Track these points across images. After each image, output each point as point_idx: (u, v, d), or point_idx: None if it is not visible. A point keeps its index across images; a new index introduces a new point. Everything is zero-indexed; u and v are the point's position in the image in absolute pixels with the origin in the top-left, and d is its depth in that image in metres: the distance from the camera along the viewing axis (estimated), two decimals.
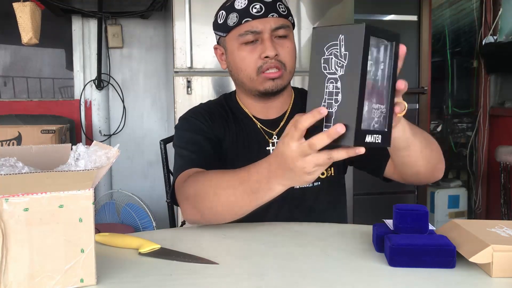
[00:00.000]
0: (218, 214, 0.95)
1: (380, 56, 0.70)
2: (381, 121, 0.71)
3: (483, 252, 0.74)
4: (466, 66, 3.44)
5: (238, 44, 1.12)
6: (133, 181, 3.01)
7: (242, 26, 1.10)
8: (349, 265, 0.81)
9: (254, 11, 1.09)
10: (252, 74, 1.12)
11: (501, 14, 3.16)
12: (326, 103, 0.68)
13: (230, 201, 0.90)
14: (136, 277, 0.76)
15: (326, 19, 2.34)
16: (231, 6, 1.12)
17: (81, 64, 2.95)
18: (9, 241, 0.66)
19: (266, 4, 1.10)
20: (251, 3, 1.09)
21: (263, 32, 1.10)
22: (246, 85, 1.15)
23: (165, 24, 2.87)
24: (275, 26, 1.10)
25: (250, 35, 1.10)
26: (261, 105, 1.20)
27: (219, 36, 1.18)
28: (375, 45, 0.68)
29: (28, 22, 2.19)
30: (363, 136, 0.67)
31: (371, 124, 0.69)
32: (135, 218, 2.55)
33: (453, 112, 3.50)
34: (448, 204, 3.26)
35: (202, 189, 0.95)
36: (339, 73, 0.67)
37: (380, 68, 0.70)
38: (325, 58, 0.68)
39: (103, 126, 2.99)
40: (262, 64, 1.10)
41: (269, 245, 0.91)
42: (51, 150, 0.79)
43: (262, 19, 1.10)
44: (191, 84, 2.23)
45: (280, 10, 1.12)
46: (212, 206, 0.93)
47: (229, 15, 1.12)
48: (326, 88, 0.68)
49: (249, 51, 1.11)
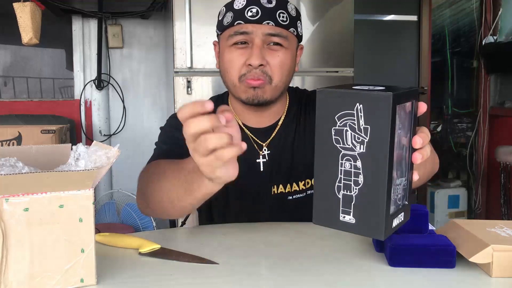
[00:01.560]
0: (158, 203, 0.89)
1: (402, 122, 0.57)
2: (402, 195, 0.61)
3: (483, 252, 0.74)
4: (466, 66, 3.44)
5: (229, 45, 1.05)
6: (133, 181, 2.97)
7: (234, 27, 1.03)
8: (349, 265, 0.81)
9: (249, 15, 1.01)
10: (235, 80, 1.05)
11: (501, 14, 3.16)
12: (342, 184, 0.57)
13: (168, 190, 0.85)
14: (136, 277, 0.76)
15: (326, 19, 2.34)
16: (231, 5, 1.06)
17: (81, 64, 2.95)
18: (9, 241, 0.66)
19: (264, 9, 1.01)
20: (248, 5, 1.02)
21: (254, 36, 1.02)
22: (230, 89, 1.09)
23: (165, 24, 2.87)
24: (268, 31, 1.02)
25: (240, 35, 1.02)
26: (251, 112, 1.12)
27: (216, 33, 1.13)
28: (398, 113, 0.55)
29: (28, 22, 2.19)
30: (391, 223, 0.58)
31: (395, 205, 0.59)
32: (135, 218, 2.55)
33: (453, 112, 3.50)
34: (448, 204, 3.26)
35: (146, 180, 0.93)
36: (358, 150, 0.56)
37: (402, 136, 0.58)
38: (337, 129, 0.57)
39: (103, 126, 2.99)
40: (246, 72, 1.03)
41: (269, 245, 0.91)
42: (51, 150, 0.79)
43: (256, 24, 1.02)
44: (191, 84, 2.23)
45: (279, 18, 1.02)
46: (154, 195, 0.89)
47: (226, 14, 1.06)
48: (341, 166, 0.57)
49: (238, 54, 1.03)
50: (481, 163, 3.29)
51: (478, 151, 3.32)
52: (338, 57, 2.36)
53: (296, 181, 1.13)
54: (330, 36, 2.36)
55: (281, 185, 1.13)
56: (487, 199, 3.30)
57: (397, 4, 3.02)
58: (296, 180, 1.13)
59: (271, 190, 1.13)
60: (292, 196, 1.13)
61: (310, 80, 2.36)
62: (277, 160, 1.13)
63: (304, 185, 1.13)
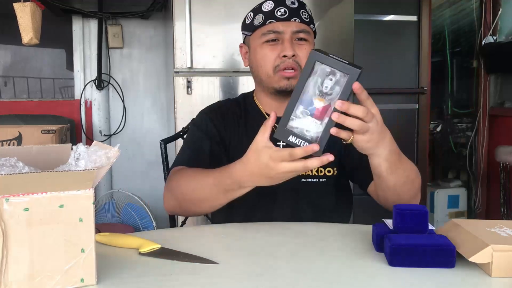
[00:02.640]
0: (195, 206, 1.08)
1: (321, 78, 0.83)
2: (313, 131, 0.84)
3: (482, 252, 0.74)
4: (466, 66, 3.44)
5: (261, 43, 1.19)
6: (133, 181, 3.01)
7: (266, 26, 1.18)
8: (349, 265, 0.81)
9: (278, 14, 1.17)
10: (270, 71, 1.18)
11: (501, 14, 3.16)
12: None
13: (205, 197, 1.04)
14: (136, 277, 0.76)
15: (326, 19, 2.34)
16: (259, 8, 1.21)
17: (81, 64, 2.95)
18: (9, 241, 0.66)
19: (290, 9, 1.18)
20: (277, 7, 1.18)
21: (284, 33, 1.17)
22: (263, 81, 1.21)
23: (165, 24, 2.87)
24: (296, 29, 1.17)
25: (272, 34, 1.17)
26: (276, 103, 1.24)
27: (245, 35, 1.25)
28: (319, 71, 0.82)
29: (29, 22, 2.19)
30: (287, 133, 0.84)
31: (297, 129, 0.84)
32: (135, 218, 2.55)
33: (453, 112, 3.50)
34: (448, 204, 3.26)
35: (184, 184, 1.08)
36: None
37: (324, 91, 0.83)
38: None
39: (103, 126, 2.99)
40: (279, 63, 1.17)
41: (269, 245, 0.92)
42: (51, 150, 0.79)
43: (285, 22, 1.17)
44: (191, 84, 2.23)
45: (303, 16, 1.19)
46: (191, 199, 1.07)
47: (256, 16, 1.20)
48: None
49: (270, 49, 1.18)
50: (481, 163, 3.29)
51: (478, 151, 3.32)
52: None
53: None
54: (330, 36, 2.36)
55: None
56: (487, 199, 3.30)
57: (397, 4, 3.01)
58: None
59: None
60: (306, 179, 1.22)
61: None
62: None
63: (317, 172, 1.22)
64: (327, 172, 1.22)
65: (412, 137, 3.03)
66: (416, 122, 3.04)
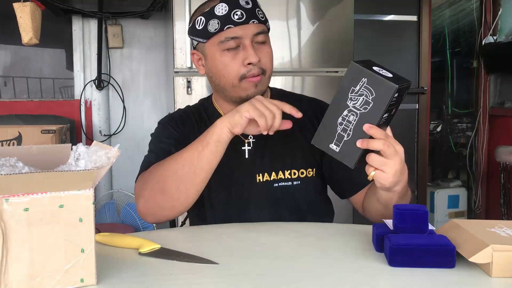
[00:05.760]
0: (171, 194, 1.02)
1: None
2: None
3: (483, 252, 0.74)
4: (466, 66, 3.44)
5: (220, 51, 1.10)
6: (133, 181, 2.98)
7: (224, 33, 1.09)
8: (349, 265, 0.81)
9: (235, 18, 1.08)
10: (235, 81, 1.11)
11: (501, 14, 3.16)
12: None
13: (180, 173, 1.01)
14: (136, 277, 0.76)
15: (326, 19, 2.34)
16: (211, 12, 1.10)
17: (81, 64, 2.95)
18: (9, 241, 0.66)
19: (246, 10, 1.09)
20: (232, 10, 1.08)
21: (244, 38, 1.09)
22: (227, 90, 1.14)
23: (165, 24, 2.87)
24: (256, 31, 1.10)
25: (232, 41, 1.09)
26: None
27: (198, 41, 1.15)
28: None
29: (29, 22, 2.19)
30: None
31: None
32: (135, 218, 2.55)
33: (453, 112, 3.50)
34: (448, 204, 3.26)
35: (154, 172, 1.05)
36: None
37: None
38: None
39: (103, 126, 2.99)
40: (245, 72, 1.10)
41: (269, 245, 0.92)
42: (51, 150, 0.79)
43: (244, 25, 1.09)
44: (191, 84, 2.23)
45: (259, 16, 1.12)
46: (164, 186, 1.02)
47: (209, 21, 1.10)
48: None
49: (231, 57, 1.10)
50: (481, 163, 3.29)
51: (478, 151, 3.32)
52: (338, 57, 2.36)
53: (282, 170, 1.17)
54: (330, 36, 2.36)
55: (266, 173, 1.16)
56: (487, 199, 3.30)
57: (397, 4, 3.01)
58: (282, 169, 1.17)
59: (256, 178, 1.16)
60: (278, 183, 1.17)
61: (310, 80, 2.36)
62: (261, 148, 1.18)
63: (290, 174, 1.17)
64: (300, 174, 1.17)
65: (412, 137, 3.03)
66: (416, 122, 3.04)
